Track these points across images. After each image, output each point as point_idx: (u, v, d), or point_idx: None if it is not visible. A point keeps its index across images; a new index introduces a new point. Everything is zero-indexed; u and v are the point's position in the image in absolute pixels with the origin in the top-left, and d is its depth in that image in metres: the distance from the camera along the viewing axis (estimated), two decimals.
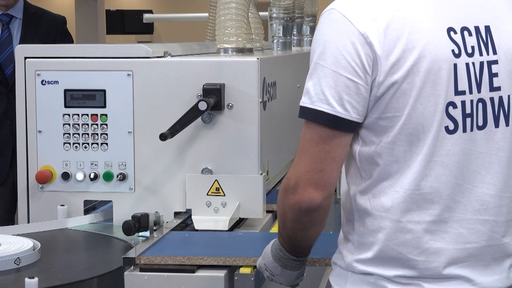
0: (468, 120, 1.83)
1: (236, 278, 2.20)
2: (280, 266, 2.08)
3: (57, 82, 2.80)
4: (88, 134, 2.79)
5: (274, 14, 3.88)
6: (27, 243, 2.42)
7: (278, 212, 1.98)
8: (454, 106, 1.82)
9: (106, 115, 2.78)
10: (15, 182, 2.88)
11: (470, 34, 1.85)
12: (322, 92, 1.80)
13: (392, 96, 1.79)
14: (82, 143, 2.79)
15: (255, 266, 2.19)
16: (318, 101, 1.81)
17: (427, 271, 1.83)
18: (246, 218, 2.76)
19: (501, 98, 1.86)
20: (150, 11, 13.55)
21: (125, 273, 2.21)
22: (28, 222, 2.81)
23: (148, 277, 2.20)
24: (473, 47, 1.84)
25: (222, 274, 2.20)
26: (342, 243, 1.94)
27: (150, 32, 13.81)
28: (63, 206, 2.79)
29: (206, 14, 3.96)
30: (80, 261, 2.51)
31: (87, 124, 2.79)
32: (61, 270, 2.35)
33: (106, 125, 2.78)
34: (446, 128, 1.81)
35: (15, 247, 2.38)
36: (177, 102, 2.70)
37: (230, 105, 2.69)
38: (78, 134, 2.79)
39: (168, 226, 2.60)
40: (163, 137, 2.61)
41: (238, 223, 2.74)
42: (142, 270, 2.22)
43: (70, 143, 2.80)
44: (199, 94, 2.68)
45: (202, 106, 2.61)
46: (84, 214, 2.82)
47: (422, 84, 1.79)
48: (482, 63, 1.85)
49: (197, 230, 2.61)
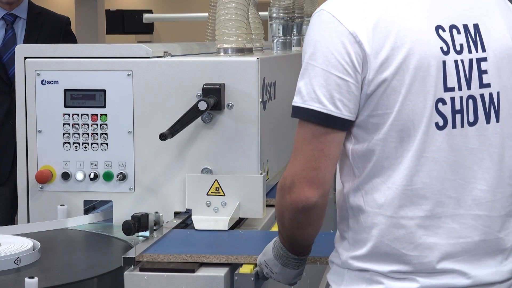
0: (458, 116, 1.86)
1: (236, 278, 2.20)
2: (280, 264, 2.11)
3: (57, 82, 2.80)
4: (88, 134, 2.79)
5: (274, 14, 3.88)
6: (27, 243, 2.42)
7: (276, 211, 2.01)
8: (444, 103, 1.85)
9: (106, 115, 2.78)
10: (16, 182, 2.88)
11: (459, 32, 1.88)
12: (313, 91, 1.84)
13: (382, 93, 1.82)
14: (82, 143, 2.79)
15: (256, 264, 2.23)
16: (310, 100, 1.84)
17: (421, 266, 1.86)
18: (246, 218, 2.76)
19: (491, 94, 1.89)
20: (150, 11, 13.56)
21: (125, 273, 2.21)
22: (28, 222, 2.81)
23: (148, 277, 2.20)
24: (461, 45, 1.88)
25: (222, 274, 2.20)
26: (338, 241, 1.97)
27: (150, 32, 13.81)
28: (63, 206, 2.79)
29: (206, 14, 3.96)
30: (80, 261, 2.51)
31: (87, 124, 2.79)
32: (61, 270, 2.35)
33: (106, 125, 2.78)
34: (436, 124, 1.84)
35: (15, 247, 2.38)
36: (177, 102, 2.70)
37: (230, 105, 2.69)
38: (78, 134, 2.79)
39: (168, 226, 2.60)
40: (163, 137, 2.61)
41: (238, 223, 2.74)
42: (142, 270, 2.22)
43: (70, 143, 2.80)
44: (199, 94, 2.68)
45: (202, 106, 2.61)
46: (84, 214, 2.82)
47: (411, 81, 1.82)
48: (471, 60, 1.88)
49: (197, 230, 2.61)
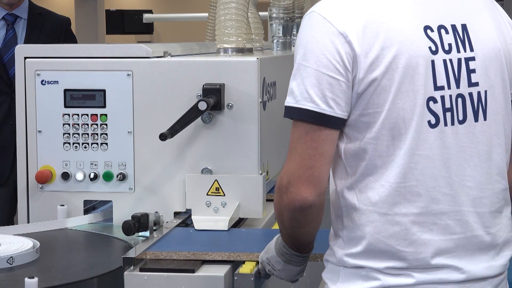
0: (448, 114, 1.90)
1: (235, 278, 2.20)
2: (283, 261, 2.14)
3: (57, 82, 2.80)
4: (88, 134, 2.79)
5: (274, 14, 3.88)
6: (27, 243, 2.42)
7: (275, 211, 2.02)
8: (435, 101, 1.89)
9: (106, 115, 2.78)
10: (16, 183, 2.88)
11: (447, 32, 1.92)
12: (306, 91, 1.87)
13: (373, 92, 1.86)
14: (82, 143, 2.79)
15: (258, 262, 2.25)
16: (302, 99, 1.87)
17: (416, 262, 1.88)
18: (246, 218, 2.76)
19: (479, 93, 1.94)
20: (150, 11, 13.55)
21: (125, 273, 2.21)
22: (28, 222, 2.81)
23: (148, 277, 2.20)
24: (450, 45, 1.92)
25: (222, 274, 2.20)
26: (333, 240, 1.99)
27: (150, 32, 13.80)
28: (63, 206, 2.79)
29: (206, 14, 3.96)
30: (80, 261, 2.51)
31: (87, 124, 2.79)
32: (61, 270, 2.35)
33: (106, 125, 2.78)
34: (429, 122, 1.88)
35: (15, 247, 2.38)
36: (177, 102, 2.70)
37: (230, 105, 2.69)
38: (78, 134, 2.79)
39: (168, 226, 2.61)
40: (163, 137, 2.61)
41: (238, 223, 2.74)
42: (142, 270, 2.22)
43: (70, 143, 2.80)
44: (199, 94, 2.68)
45: (202, 106, 2.61)
46: (84, 214, 2.82)
47: (401, 80, 1.85)
48: (459, 60, 1.92)
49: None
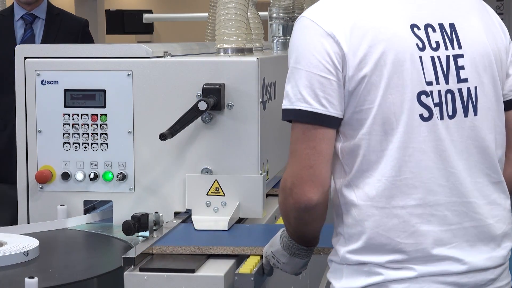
0: (437, 109, 1.94)
1: (235, 278, 2.20)
2: (288, 255, 2.17)
3: (57, 82, 2.80)
4: (88, 134, 2.79)
5: (274, 14, 3.89)
6: (33, 242, 2.43)
7: (280, 211, 2.06)
8: (427, 95, 1.93)
9: (106, 115, 2.78)
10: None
11: (434, 31, 1.97)
12: (299, 92, 1.94)
13: (363, 89, 1.91)
14: (82, 143, 2.79)
15: (262, 256, 2.29)
16: (296, 101, 1.94)
17: (417, 253, 1.92)
18: (246, 218, 2.76)
19: (469, 89, 1.98)
20: (150, 11, 13.56)
21: (125, 273, 2.21)
22: (28, 222, 2.81)
23: (148, 277, 2.20)
24: (437, 42, 1.96)
25: (222, 274, 2.20)
26: (335, 239, 2.02)
27: (150, 32, 13.80)
28: (63, 206, 2.79)
29: (206, 14, 3.96)
30: (79, 261, 2.51)
31: (87, 124, 2.79)
32: (61, 270, 2.35)
33: (106, 125, 2.78)
34: (421, 116, 1.92)
35: (21, 246, 2.39)
36: (177, 102, 2.70)
37: (230, 105, 2.69)
38: (78, 134, 2.79)
39: (168, 226, 2.60)
40: (163, 137, 2.61)
41: (238, 223, 2.73)
42: (142, 270, 2.22)
43: (70, 143, 2.80)
44: (199, 94, 2.68)
45: (202, 106, 2.61)
46: (84, 214, 2.82)
47: (389, 75, 1.90)
48: (448, 57, 1.97)
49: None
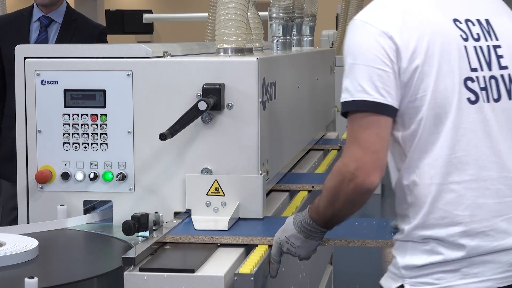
0: (483, 93, 2.15)
1: (235, 278, 2.20)
2: (303, 237, 2.34)
3: (56, 82, 2.80)
4: (87, 134, 2.79)
5: (274, 14, 3.88)
6: (32, 242, 2.43)
7: (327, 195, 2.21)
8: (472, 80, 2.15)
9: (105, 115, 2.78)
10: None
11: (474, 24, 2.20)
12: (359, 85, 2.10)
13: (416, 79, 2.10)
14: (82, 143, 2.79)
15: (271, 245, 2.40)
16: (357, 93, 2.10)
17: (473, 224, 2.12)
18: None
19: (510, 75, 2.21)
20: (150, 11, 13.56)
21: (124, 273, 2.21)
22: (28, 222, 2.81)
23: (147, 277, 2.20)
24: (478, 34, 2.20)
25: (222, 274, 2.20)
26: (399, 219, 2.21)
27: (150, 32, 13.80)
28: (63, 206, 2.79)
29: (206, 14, 3.96)
30: (79, 261, 2.51)
31: (87, 124, 2.79)
32: (60, 270, 2.35)
33: (106, 125, 2.78)
34: (468, 99, 2.14)
35: (20, 246, 2.38)
36: (177, 102, 2.70)
37: (230, 105, 2.69)
38: (78, 134, 2.79)
39: (167, 226, 2.60)
40: (163, 137, 2.61)
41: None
42: (142, 270, 2.22)
43: (69, 143, 2.80)
44: (199, 94, 2.68)
45: (202, 106, 2.62)
46: (83, 214, 2.82)
47: (439, 64, 2.11)
48: (488, 47, 2.20)
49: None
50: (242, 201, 2.67)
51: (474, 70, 2.15)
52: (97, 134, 2.78)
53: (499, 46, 2.21)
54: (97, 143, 2.78)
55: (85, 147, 2.79)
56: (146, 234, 2.57)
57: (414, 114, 2.11)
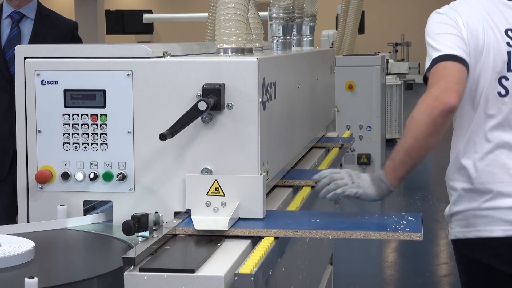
0: None
1: (236, 278, 2.20)
2: (372, 185, 2.74)
3: (56, 82, 2.80)
4: (87, 134, 2.79)
5: (274, 14, 3.88)
6: (27, 243, 2.42)
7: (411, 128, 2.70)
8: (506, 79, 2.79)
9: (105, 115, 2.78)
10: (15, 180, 2.88)
11: None
12: (444, 44, 2.75)
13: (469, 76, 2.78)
14: (82, 143, 2.79)
15: (277, 237, 2.51)
16: (443, 49, 2.74)
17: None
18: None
19: None
20: (150, 11, 13.56)
21: (125, 273, 2.21)
22: (28, 222, 2.81)
23: (148, 277, 2.20)
24: None
25: (222, 274, 2.20)
26: (455, 182, 2.87)
27: (150, 32, 13.80)
28: (63, 206, 2.79)
29: (206, 14, 3.96)
30: (79, 261, 2.51)
31: (87, 124, 2.79)
32: (60, 270, 2.35)
33: (106, 125, 2.78)
34: (499, 93, 2.79)
35: (15, 247, 2.38)
36: (177, 102, 2.70)
37: (230, 105, 2.69)
38: (78, 134, 2.79)
39: (167, 226, 2.60)
40: (163, 137, 2.61)
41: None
42: (142, 270, 2.22)
43: (69, 143, 2.80)
44: (199, 94, 2.68)
45: (202, 106, 2.61)
46: (83, 214, 2.82)
47: (485, 62, 2.78)
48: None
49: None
50: (242, 201, 2.66)
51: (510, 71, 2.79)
52: (97, 134, 2.78)
53: None
54: (97, 143, 2.78)
55: (85, 147, 2.79)
56: (146, 234, 2.57)
57: (467, 100, 2.85)
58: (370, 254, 7.24)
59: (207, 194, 2.66)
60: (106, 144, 2.78)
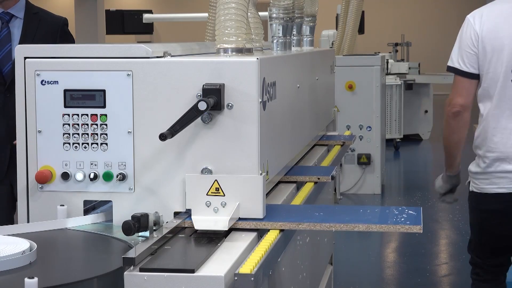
0: None
1: (236, 278, 2.20)
2: (441, 179, 4.16)
3: (56, 82, 2.80)
4: (87, 134, 2.79)
5: (274, 14, 3.88)
6: (24, 244, 2.42)
7: (444, 134, 3.94)
8: None
9: (105, 115, 2.78)
10: (13, 181, 2.88)
11: None
12: (457, 59, 3.85)
13: (482, 67, 3.83)
14: (82, 143, 2.79)
15: (282, 230, 2.61)
16: (456, 63, 3.85)
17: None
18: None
19: None
20: (150, 11, 13.56)
21: (124, 273, 2.21)
22: (27, 222, 2.81)
23: (147, 277, 2.20)
24: None
25: (222, 274, 2.20)
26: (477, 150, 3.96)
27: (150, 32, 13.80)
28: (63, 206, 2.79)
29: (206, 14, 3.96)
30: (79, 261, 2.51)
31: (87, 124, 2.79)
32: (60, 270, 2.35)
33: (106, 125, 2.78)
34: (510, 80, 3.75)
35: (11, 248, 2.38)
36: (177, 102, 2.70)
37: (230, 105, 2.69)
38: (78, 134, 2.79)
39: (167, 226, 2.60)
40: (163, 137, 2.61)
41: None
42: (142, 270, 2.22)
43: (69, 143, 2.80)
44: (199, 94, 2.68)
45: (202, 106, 2.61)
46: (83, 214, 2.82)
47: (497, 57, 3.77)
48: None
49: (196, 230, 2.62)
50: (242, 201, 2.66)
51: None
52: (97, 134, 2.78)
53: None
54: (97, 143, 2.78)
55: (85, 147, 2.79)
56: (146, 234, 2.57)
57: (481, 83, 3.90)
58: (370, 254, 7.23)
59: (207, 194, 2.66)
60: (106, 144, 2.78)
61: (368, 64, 9.58)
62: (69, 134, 2.80)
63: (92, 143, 2.79)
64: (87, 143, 2.79)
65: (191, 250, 2.47)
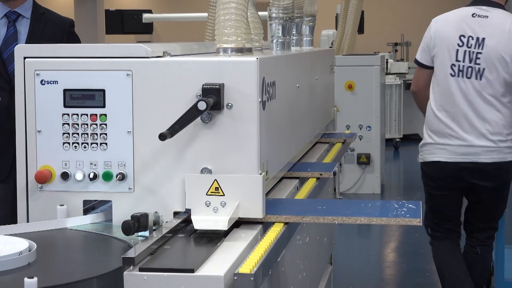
0: (461, 73, 4.70)
1: (235, 278, 2.20)
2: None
3: (56, 82, 2.80)
4: (87, 134, 2.79)
5: (274, 14, 3.88)
6: (24, 244, 2.42)
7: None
8: (455, 66, 4.71)
9: (105, 115, 2.78)
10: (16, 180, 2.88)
11: (472, 39, 4.71)
12: (418, 53, 4.93)
13: (435, 60, 4.82)
14: (82, 143, 2.79)
15: (286, 223, 2.69)
16: (418, 56, 4.94)
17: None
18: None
19: (479, 68, 4.68)
20: (150, 11, 13.55)
21: (124, 273, 2.21)
22: (27, 222, 2.81)
23: (147, 277, 2.20)
24: (471, 45, 4.69)
25: (222, 274, 2.20)
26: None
27: (150, 32, 13.79)
28: (63, 206, 2.79)
29: (206, 14, 3.96)
30: (79, 261, 2.51)
31: (87, 124, 2.79)
32: (60, 270, 2.35)
33: (106, 125, 2.78)
34: (450, 74, 4.71)
35: (11, 248, 2.38)
36: (176, 102, 2.70)
37: (230, 105, 2.69)
38: (78, 134, 2.79)
39: (167, 226, 2.60)
40: (163, 137, 2.61)
41: (240, 223, 2.73)
42: (141, 270, 2.22)
43: (69, 143, 2.80)
44: (199, 94, 2.68)
45: (202, 106, 2.61)
46: (83, 214, 2.82)
47: (442, 54, 4.76)
48: (473, 52, 4.69)
49: (196, 230, 2.62)
50: (242, 201, 2.66)
51: (458, 61, 4.71)
52: (96, 134, 2.78)
53: (480, 53, 4.67)
54: (96, 143, 2.78)
55: (84, 147, 2.79)
56: (146, 234, 2.57)
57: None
58: (370, 254, 7.24)
59: (207, 194, 2.66)
60: (106, 144, 2.78)
61: (367, 64, 9.58)
62: (68, 134, 2.80)
63: (91, 143, 2.79)
64: (87, 143, 2.79)
65: (191, 250, 2.47)
